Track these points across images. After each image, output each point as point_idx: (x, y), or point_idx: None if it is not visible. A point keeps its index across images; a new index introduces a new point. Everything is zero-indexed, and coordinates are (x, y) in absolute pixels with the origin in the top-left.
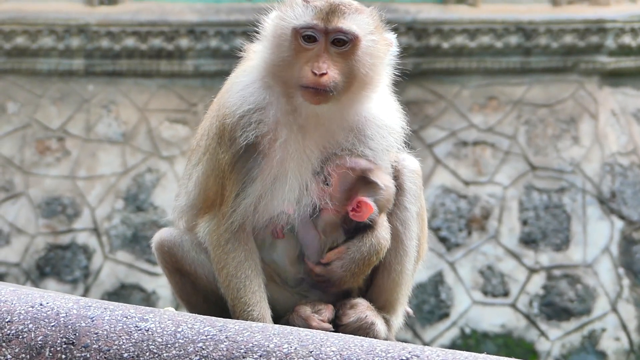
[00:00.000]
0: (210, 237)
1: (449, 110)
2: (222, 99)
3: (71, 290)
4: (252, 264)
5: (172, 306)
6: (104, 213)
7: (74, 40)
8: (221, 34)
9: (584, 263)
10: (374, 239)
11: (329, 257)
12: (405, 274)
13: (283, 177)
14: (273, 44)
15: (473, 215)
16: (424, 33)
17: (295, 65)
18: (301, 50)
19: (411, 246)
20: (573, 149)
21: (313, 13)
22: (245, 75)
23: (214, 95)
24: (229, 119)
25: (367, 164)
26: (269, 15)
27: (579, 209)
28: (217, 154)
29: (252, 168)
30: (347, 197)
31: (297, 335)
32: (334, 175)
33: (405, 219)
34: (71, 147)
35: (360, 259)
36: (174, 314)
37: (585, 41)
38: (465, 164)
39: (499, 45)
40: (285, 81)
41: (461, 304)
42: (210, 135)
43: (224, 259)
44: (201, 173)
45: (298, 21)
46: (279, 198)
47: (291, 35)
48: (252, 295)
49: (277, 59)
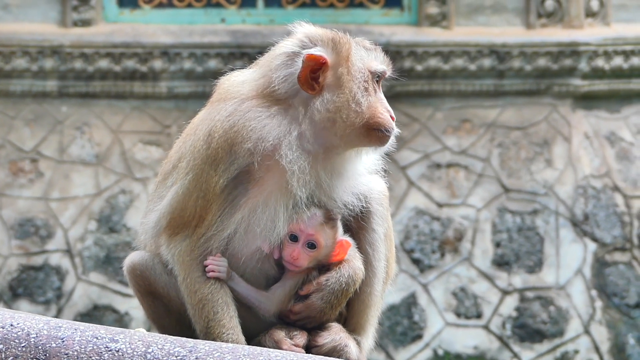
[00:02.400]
0: (182, 259)
1: (423, 132)
2: (225, 122)
3: (44, 312)
4: (227, 290)
5: (144, 327)
6: (77, 234)
7: (48, 61)
8: (195, 56)
9: (556, 285)
10: (350, 270)
11: (307, 288)
12: (375, 296)
13: (269, 210)
14: (343, 82)
15: (446, 237)
16: (397, 55)
17: (374, 107)
18: (372, 93)
19: (379, 267)
20: (546, 171)
21: (382, 58)
22: (258, 104)
23: (188, 117)
24: (242, 144)
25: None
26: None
27: (552, 231)
28: (206, 176)
29: (240, 194)
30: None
31: (267, 356)
32: (321, 239)
33: (372, 241)
34: (44, 168)
35: (339, 290)
36: (144, 335)
37: (559, 64)
38: (439, 186)
39: (473, 68)
40: (361, 121)
41: (434, 326)
42: (196, 157)
43: (198, 282)
44: (180, 193)
45: (373, 64)
46: (260, 231)
47: (368, 77)
48: (230, 320)
49: (361, 101)
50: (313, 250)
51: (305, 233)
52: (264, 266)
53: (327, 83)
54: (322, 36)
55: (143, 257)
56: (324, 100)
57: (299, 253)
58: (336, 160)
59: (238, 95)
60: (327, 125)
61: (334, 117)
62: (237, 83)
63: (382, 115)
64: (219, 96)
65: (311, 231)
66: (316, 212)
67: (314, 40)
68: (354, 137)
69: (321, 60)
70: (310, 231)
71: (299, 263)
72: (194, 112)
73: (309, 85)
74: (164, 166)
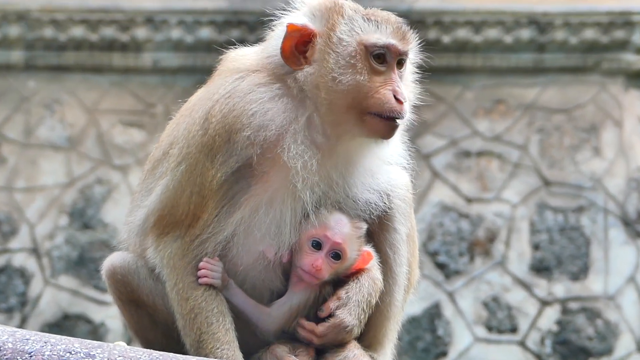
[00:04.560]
0: (173, 262)
1: (449, 114)
2: (224, 104)
3: (6, 321)
4: (223, 299)
5: (123, 340)
6: (45, 231)
7: (12, 28)
8: (184, 23)
9: (605, 295)
10: (369, 279)
11: (328, 308)
12: (395, 306)
13: (274, 211)
14: (324, 57)
15: (476, 238)
16: (421, 25)
17: (366, 88)
18: (372, 72)
19: (401, 273)
20: (594, 161)
21: (390, 31)
22: (261, 82)
23: (176, 94)
24: (241, 132)
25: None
26: (298, 17)
27: (600, 232)
28: (202, 168)
29: (241, 191)
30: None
31: None
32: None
33: (394, 243)
34: (7, 153)
35: (363, 300)
36: (125, 350)
37: (609, 36)
38: (468, 177)
39: (509, 40)
40: (344, 104)
41: (461, 341)
42: (190, 143)
43: (190, 288)
44: (171, 187)
45: (370, 37)
46: (262, 235)
47: (361, 52)
48: (225, 333)
49: (340, 78)
50: (337, 261)
51: (332, 241)
52: (268, 276)
53: (314, 58)
54: (321, 5)
55: (125, 259)
56: (304, 73)
57: (322, 263)
58: (350, 152)
59: (239, 69)
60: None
61: (315, 95)
62: (239, 56)
63: (377, 95)
64: (221, 68)
65: (339, 239)
66: (341, 218)
67: (313, 10)
68: (347, 124)
69: (306, 31)
70: (338, 239)
71: (321, 275)
72: (182, 89)
73: (294, 60)
74: (153, 152)
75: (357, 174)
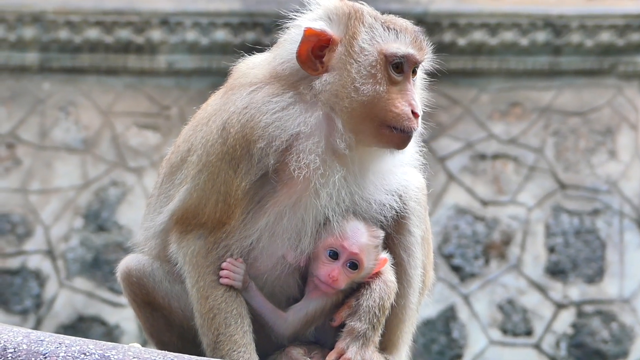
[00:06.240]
0: (195, 260)
1: (465, 117)
2: (242, 114)
3: (21, 323)
4: (243, 301)
5: (138, 342)
6: (60, 233)
7: (27, 30)
8: (199, 26)
9: (620, 298)
10: (381, 283)
11: (339, 317)
12: (409, 309)
13: (296, 217)
14: (345, 66)
15: (491, 241)
16: (436, 27)
17: (384, 99)
18: (389, 82)
19: (416, 275)
20: (609, 164)
21: (409, 41)
22: (276, 92)
23: (190, 97)
24: (259, 142)
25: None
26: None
27: (616, 235)
28: (225, 176)
29: (267, 195)
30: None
31: None
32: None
33: (408, 245)
34: (23, 155)
35: (374, 305)
36: (139, 351)
37: (625, 39)
38: (483, 180)
39: (524, 43)
40: (362, 114)
41: (476, 344)
42: (210, 152)
43: (211, 287)
44: (195, 195)
45: (390, 47)
46: (283, 242)
47: (381, 62)
48: (243, 335)
49: (362, 88)
50: (354, 271)
51: (349, 252)
52: (287, 282)
53: (332, 64)
54: (338, 9)
55: (140, 262)
56: (322, 81)
57: (339, 273)
58: (365, 157)
59: (252, 82)
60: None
61: (334, 103)
62: (252, 65)
63: (395, 109)
64: (234, 82)
65: (356, 250)
66: (359, 227)
67: (329, 14)
68: (363, 134)
69: (324, 37)
70: (355, 250)
71: (338, 285)
72: (197, 92)
73: (311, 65)
74: (170, 156)
75: (371, 177)
